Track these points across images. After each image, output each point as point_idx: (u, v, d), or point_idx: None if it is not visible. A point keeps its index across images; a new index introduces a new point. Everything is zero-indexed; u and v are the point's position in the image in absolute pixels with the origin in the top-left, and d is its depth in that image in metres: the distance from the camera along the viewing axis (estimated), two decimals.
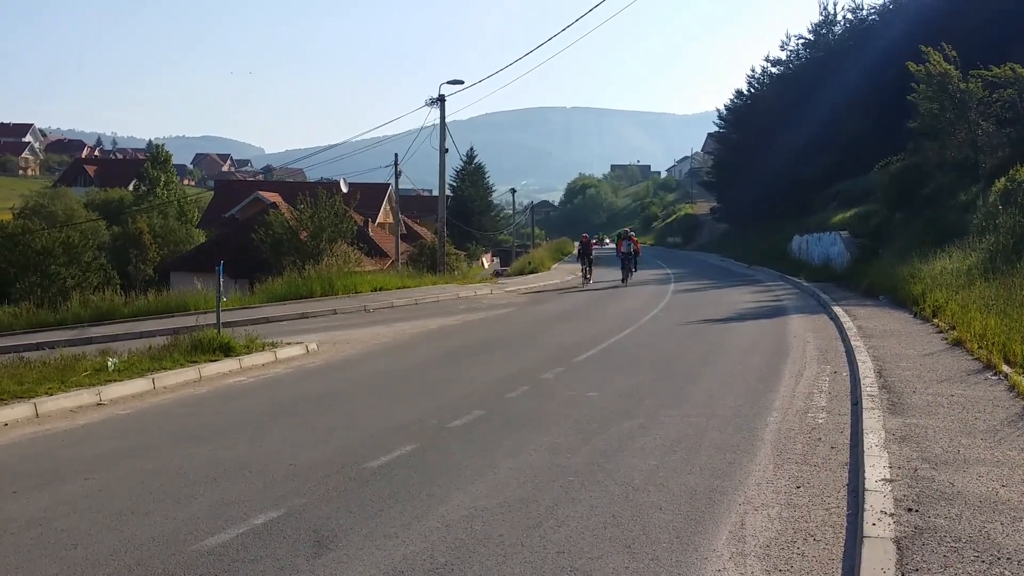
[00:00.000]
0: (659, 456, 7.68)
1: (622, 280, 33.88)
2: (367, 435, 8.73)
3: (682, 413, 9.50)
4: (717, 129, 75.73)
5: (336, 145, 50.46)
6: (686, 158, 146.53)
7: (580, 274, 36.22)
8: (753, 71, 69.65)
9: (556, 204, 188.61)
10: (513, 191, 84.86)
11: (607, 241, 60.31)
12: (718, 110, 74.21)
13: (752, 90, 66.98)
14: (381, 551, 5.51)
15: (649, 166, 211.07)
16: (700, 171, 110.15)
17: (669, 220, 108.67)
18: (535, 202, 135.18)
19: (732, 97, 70.32)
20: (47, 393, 10.82)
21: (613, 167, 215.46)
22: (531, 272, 43.51)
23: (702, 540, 5.67)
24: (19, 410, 10.16)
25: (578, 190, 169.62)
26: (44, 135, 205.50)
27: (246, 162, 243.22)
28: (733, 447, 7.99)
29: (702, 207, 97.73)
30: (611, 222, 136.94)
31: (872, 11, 54.11)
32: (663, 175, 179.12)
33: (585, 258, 35.48)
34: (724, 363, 13.19)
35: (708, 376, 12.00)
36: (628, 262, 34.18)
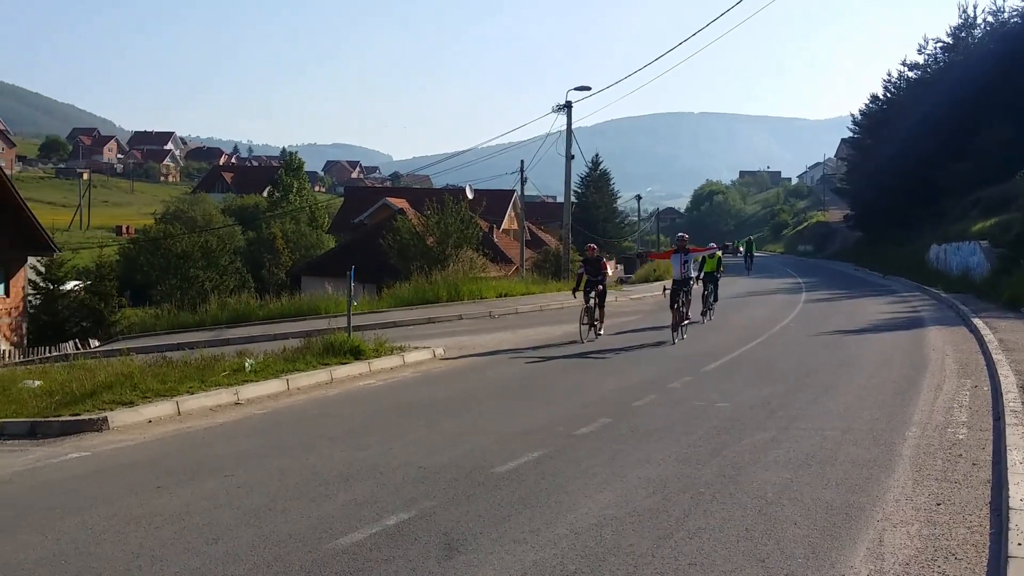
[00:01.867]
0: (792, 469, 7.41)
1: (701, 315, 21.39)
2: (494, 440, 8.75)
3: (816, 426, 9.16)
4: (851, 134, 73.22)
5: (462, 152, 51.20)
6: (818, 164, 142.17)
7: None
8: (889, 75, 66.79)
9: (682, 211, 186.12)
10: (638, 197, 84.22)
11: (740, 250, 56.89)
12: (852, 115, 71.79)
13: (888, 95, 64.48)
14: (511, 556, 5.49)
15: (779, 172, 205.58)
16: (833, 177, 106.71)
17: (800, 228, 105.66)
18: (660, 209, 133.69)
19: (867, 102, 67.90)
20: (188, 392, 11.29)
21: (742, 173, 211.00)
22: (656, 279, 42.92)
23: (839, 556, 5.44)
24: (162, 408, 10.63)
25: (705, 196, 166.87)
26: (184, 143, 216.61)
27: (374, 169, 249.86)
28: (870, 462, 7.65)
29: (835, 214, 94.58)
30: (739, 229, 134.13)
31: (1014, 13, 51.59)
32: (794, 182, 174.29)
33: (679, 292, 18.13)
34: (859, 375, 12.68)
35: (842, 388, 11.55)
36: (703, 288, 21.27)
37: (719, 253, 24.28)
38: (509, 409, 10.52)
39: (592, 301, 17.96)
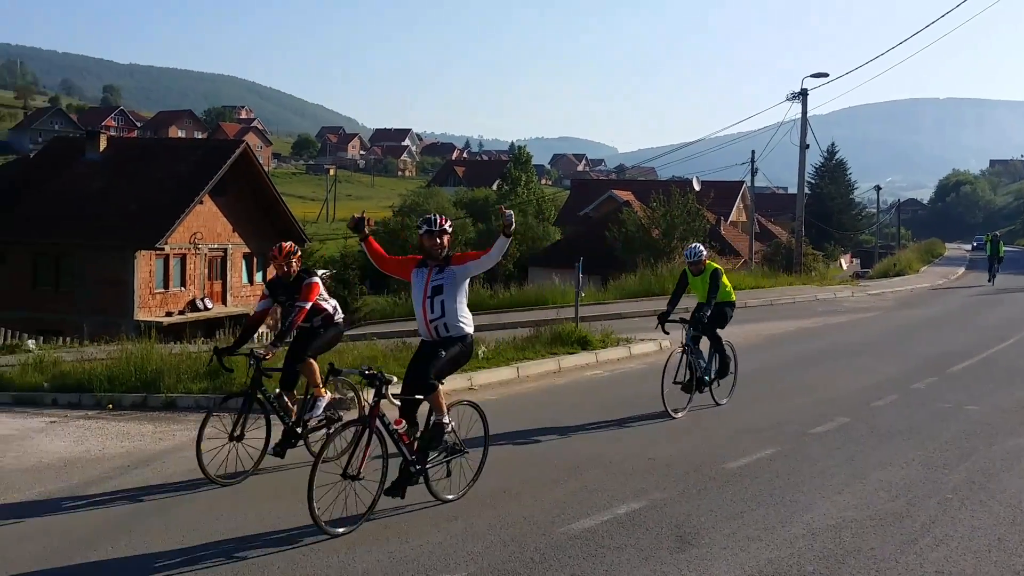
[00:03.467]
0: None
1: None
2: (724, 436, 8.61)
3: None
4: None
5: (689, 143, 50.46)
6: None
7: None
8: None
9: (925, 202, 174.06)
10: (877, 188, 79.43)
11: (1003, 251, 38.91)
12: None
13: None
14: (744, 552, 5.40)
15: None
16: None
17: None
18: (901, 200, 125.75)
19: None
20: None
21: (992, 162, 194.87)
22: (896, 275, 40.43)
23: None
24: None
25: (951, 187, 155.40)
26: (420, 139, 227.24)
27: (600, 161, 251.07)
28: None
29: None
30: (988, 222, 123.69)
31: None
32: None
33: None
34: None
35: None
36: None
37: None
38: (737, 405, 10.29)
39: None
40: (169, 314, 34.35)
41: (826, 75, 33.91)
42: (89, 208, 34.74)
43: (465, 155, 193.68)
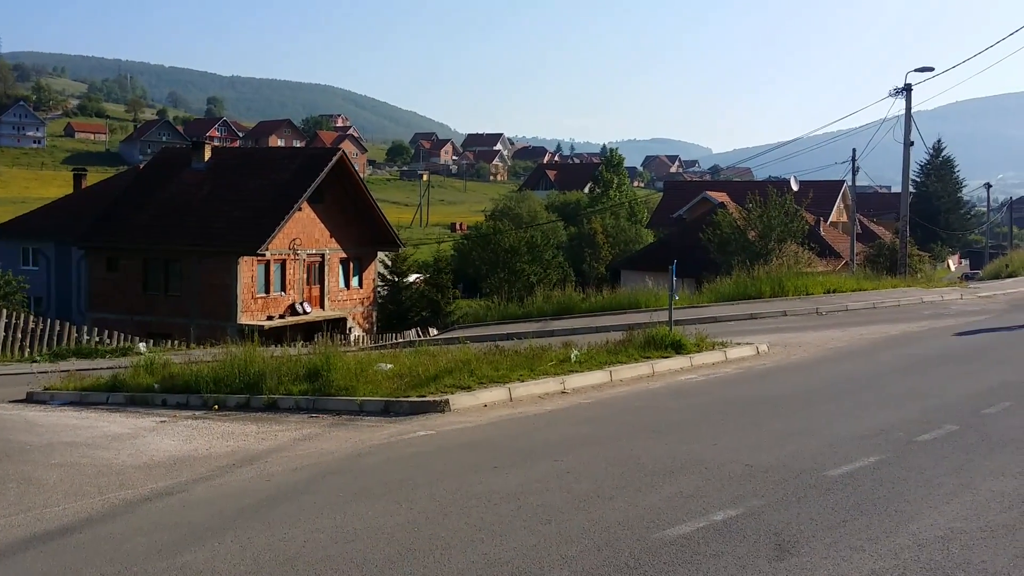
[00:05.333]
0: None
1: None
2: (825, 442, 8.35)
3: None
4: None
5: (786, 143, 49.38)
6: None
7: None
8: None
9: None
10: (987, 186, 76.24)
11: None
12: None
13: None
14: (847, 563, 5.23)
15: None
16: None
17: None
18: (1013, 198, 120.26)
19: None
20: (519, 379, 11.88)
21: None
22: (1008, 276, 38.73)
23: None
24: (496, 393, 11.29)
25: None
26: (511, 143, 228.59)
27: (693, 163, 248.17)
28: None
29: None
30: None
31: None
32: None
33: None
34: None
35: None
36: None
37: None
38: (840, 410, 9.99)
39: None
40: (270, 318, 35.35)
41: (931, 69, 32.76)
42: (195, 216, 36.13)
43: (556, 158, 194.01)
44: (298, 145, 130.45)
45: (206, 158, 39.11)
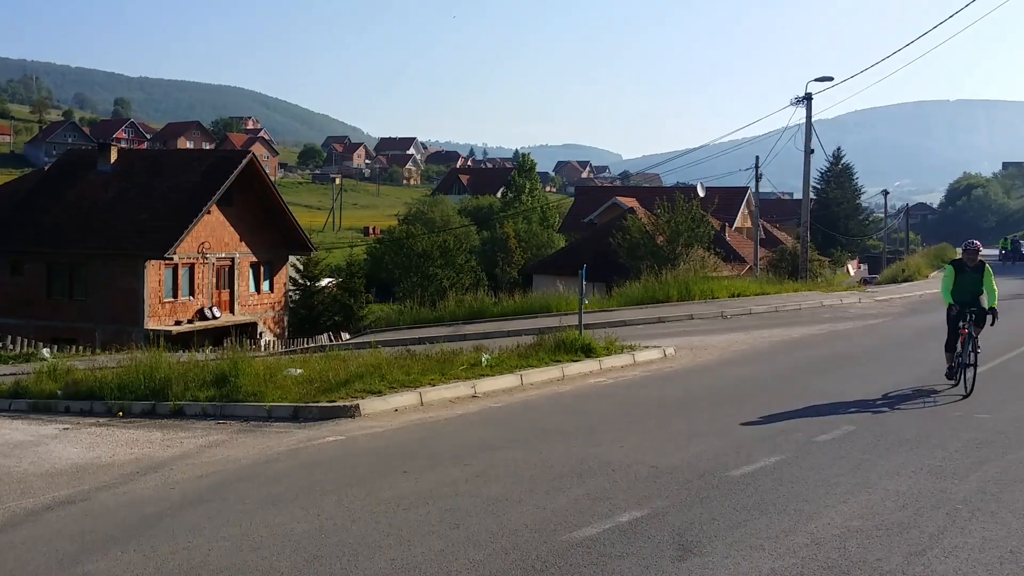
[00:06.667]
0: None
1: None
2: (728, 443, 8.57)
3: None
4: None
5: (693, 149, 50.37)
6: None
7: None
8: None
9: (935, 207, 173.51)
10: (885, 193, 79.28)
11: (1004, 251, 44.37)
12: None
13: None
14: (747, 562, 5.37)
15: None
16: None
17: None
18: (910, 204, 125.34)
19: None
20: (430, 384, 11.84)
21: (1005, 165, 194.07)
22: (904, 280, 40.24)
23: None
24: (407, 398, 11.24)
25: (962, 191, 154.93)
26: (425, 148, 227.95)
27: (604, 168, 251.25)
28: None
29: None
30: (1001, 227, 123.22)
31: None
32: None
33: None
34: None
35: None
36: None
37: None
38: (743, 411, 10.24)
39: None
40: (178, 323, 34.58)
41: (831, 79, 33.85)
42: (101, 219, 35.10)
43: (470, 163, 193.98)
44: (207, 147, 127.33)
45: (112, 160, 37.96)
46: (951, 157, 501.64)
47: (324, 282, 44.94)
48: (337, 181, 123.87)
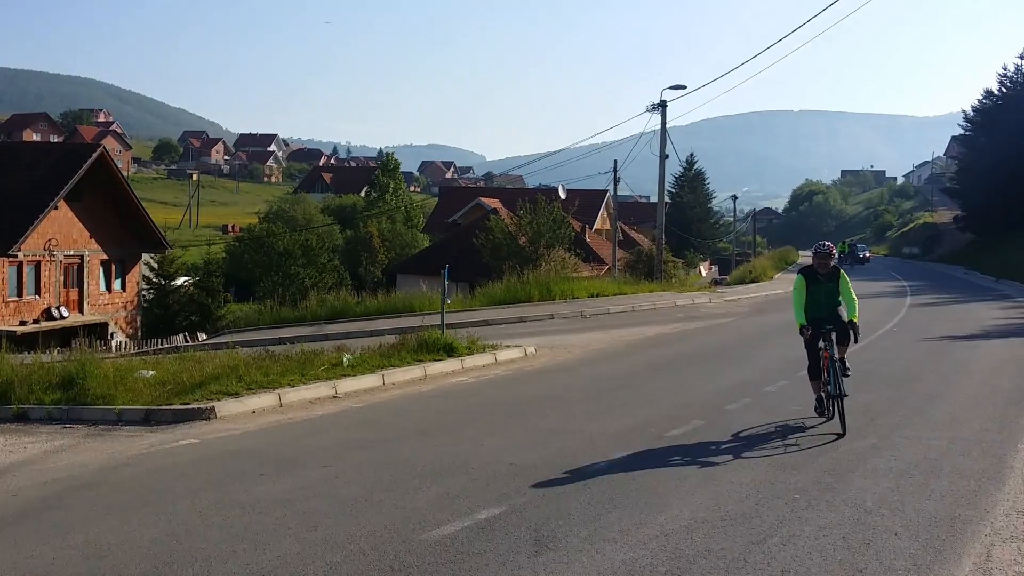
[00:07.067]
0: (893, 479, 7.25)
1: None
2: (585, 439, 8.80)
3: (920, 435, 8.92)
4: (963, 132, 70.37)
5: (555, 152, 51.22)
6: (926, 163, 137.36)
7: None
8: (1005, 69, 63.36)
9: (780, 211, 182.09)
10: (734, 198, 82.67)
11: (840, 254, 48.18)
12: (964, 112, 69.00)
13: (1004, 89, 61.88)
14: (600, 555, 5.54)
15: (884, 172, 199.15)
16: (942, 177, 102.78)
17: (905, 229, 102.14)
18: (757, 209, 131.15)
19: (980, 97, 65.25)
20: (290, 384, 11.66)
21: (844, 172, 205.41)
22: (752, 281, 42.19)
23: (942, 570, 5.33)
24: (265, 399, 11.03)
25: (804, 196, 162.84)
26: (287, 145, 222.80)
27: (468, 169, 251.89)
28: (978, 473, 7.42)
29: (943, 215, 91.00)
30: (840, 231, 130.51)
31: None
32: (899, 181, 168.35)
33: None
34: (968, 383, 12.26)
35: (949, 397, 11.19)
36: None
37: None
38: (600, 409, 10.54)
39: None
40: (23, 323, 32.77)
41: (684, 87, 35.09)
42: None
43: (333, 161, 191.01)
44: (56, 140, 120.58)
45: None
46: (795, 165, 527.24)
47: (180, 281, 43.34)
48: (194, 177, 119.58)
